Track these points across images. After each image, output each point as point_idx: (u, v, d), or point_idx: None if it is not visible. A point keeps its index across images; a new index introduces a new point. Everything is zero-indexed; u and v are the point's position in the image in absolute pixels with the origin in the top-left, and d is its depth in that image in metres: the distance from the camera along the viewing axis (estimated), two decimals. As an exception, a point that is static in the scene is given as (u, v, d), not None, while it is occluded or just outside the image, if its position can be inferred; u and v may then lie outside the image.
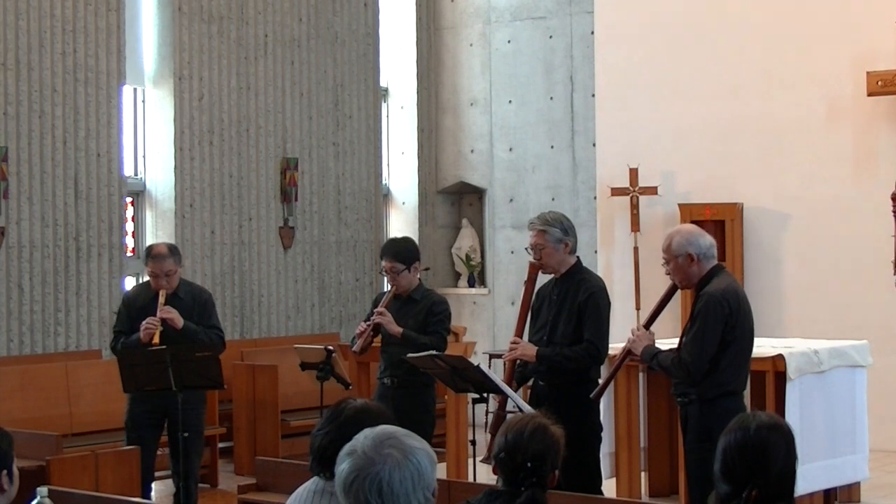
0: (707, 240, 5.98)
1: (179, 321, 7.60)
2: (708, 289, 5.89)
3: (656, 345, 6.14)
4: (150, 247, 8.02)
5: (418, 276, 7.42)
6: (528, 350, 6.57)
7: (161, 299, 7.60)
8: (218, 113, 11.70)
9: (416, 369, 6.96)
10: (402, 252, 7.37)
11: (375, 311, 7.28)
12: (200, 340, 7.69)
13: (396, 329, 7.19)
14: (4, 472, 3.58)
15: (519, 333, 6.68)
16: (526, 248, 6.73)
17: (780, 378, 7.76)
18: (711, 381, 5.84)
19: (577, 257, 6.67)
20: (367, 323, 7.27)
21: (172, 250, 7.86)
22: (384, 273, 7.45)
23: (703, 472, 5.70)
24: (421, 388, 7.19)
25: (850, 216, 10.69)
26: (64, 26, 10.54)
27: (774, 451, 3.57)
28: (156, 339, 7.47)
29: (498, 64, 13.28)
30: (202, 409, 7.95)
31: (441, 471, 8.43)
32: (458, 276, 13.67)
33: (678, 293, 6.35)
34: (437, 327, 7.26)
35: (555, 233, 6.55)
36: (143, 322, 7.56)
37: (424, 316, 7.28)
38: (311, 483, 3.85)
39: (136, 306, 7.79)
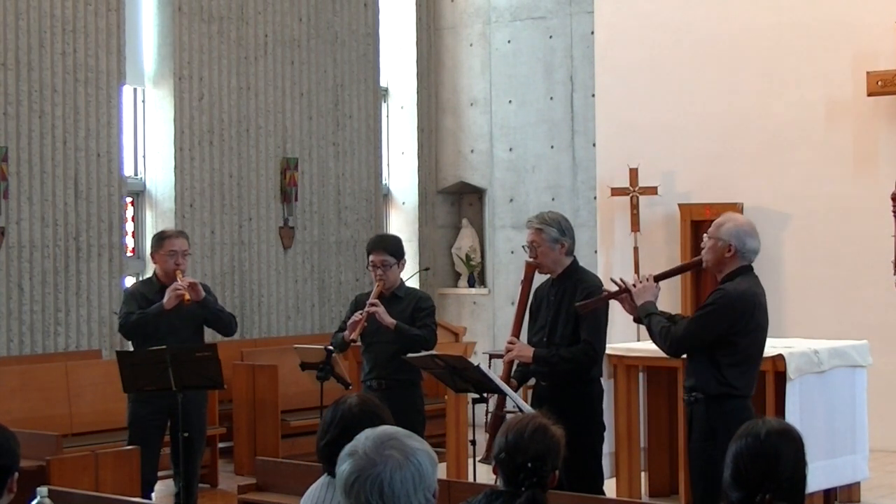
0: (755, 242, 5.93)
1: (201, 291, 7.71)
2: (728, 285, 5.85)
3: (657, 305, 6.06)
4: (161, 232, 8.11)
5: (401, 273, 7.42)
6: (525, 351, 6.56)
7: (179, 275, 7.69)
8: (218, 113, 11.70)
9: (402, 369, 6.95)
10: (392, 246, 7.36)
11: (368, 302, 7.19)
12: (218, 310, 7.86)
13: (390, 320, 7.12)
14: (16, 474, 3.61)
15: (516, 333, 6.66)
16: (523, 246, 6.73)
17: (780, 378, 7.77)
18: (710, 377, 5.82)
19: (574, 258, 6.66)
20: (361, 313, 7.19)
21: (181, 231, 8.14)
22: (371, 268, 7.35)
23: (706, 472, 5.72)
24: (409, 388, 7.18)
25: (850, 216, 10.69)
26: (64, 26, 10.53)
27: (785, 457, 3.61)
28: (187, 297, 7.54)
29: (498, 64, 13.27)
30: (205, 409, 8.00)
31: (441, 471, 8.43)
32: (458, 276, 13.66)
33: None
34: (426, 321, 7.25)
35: (551, 232, 6.54)
36: (171, 286, 7.61)
37: (412, 312, 7.25)
38: (323, 477, 3.96)
39: (141, 293, 7.87)
